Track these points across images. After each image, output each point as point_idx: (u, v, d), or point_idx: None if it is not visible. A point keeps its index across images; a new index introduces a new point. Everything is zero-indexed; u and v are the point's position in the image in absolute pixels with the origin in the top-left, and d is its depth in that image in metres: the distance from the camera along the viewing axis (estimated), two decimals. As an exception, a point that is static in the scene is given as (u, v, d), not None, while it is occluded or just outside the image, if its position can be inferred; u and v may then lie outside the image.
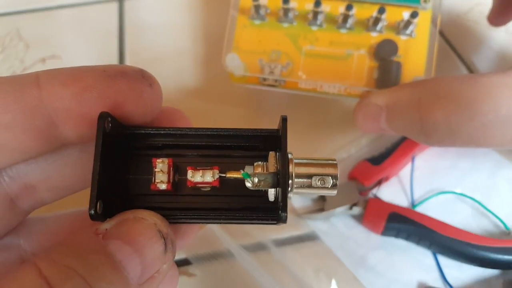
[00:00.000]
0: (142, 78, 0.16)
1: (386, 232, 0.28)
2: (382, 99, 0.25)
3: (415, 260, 0.28)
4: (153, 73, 0.17)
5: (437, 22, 0.29)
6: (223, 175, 0.17)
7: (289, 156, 0.16)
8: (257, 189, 0.16)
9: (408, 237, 0.28)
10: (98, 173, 0.14)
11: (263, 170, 0.16)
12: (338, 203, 0.29)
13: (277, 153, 0.16)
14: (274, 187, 0.16)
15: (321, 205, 0.30)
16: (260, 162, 0.16)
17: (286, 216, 0.15)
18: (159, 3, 0.44)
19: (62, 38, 0.41)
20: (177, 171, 0.17)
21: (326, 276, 0.27)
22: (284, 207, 0.15)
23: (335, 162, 0.16)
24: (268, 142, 0.17)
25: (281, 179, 0.15)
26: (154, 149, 0.17)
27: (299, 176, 0.16)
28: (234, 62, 0.30)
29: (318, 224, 0.29)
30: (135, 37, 0.41)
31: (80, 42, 0.41)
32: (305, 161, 0.16)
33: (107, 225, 0.14)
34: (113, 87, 0.16)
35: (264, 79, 0.31)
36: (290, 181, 0.16)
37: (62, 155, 0.17)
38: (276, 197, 0.16)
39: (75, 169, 0.16)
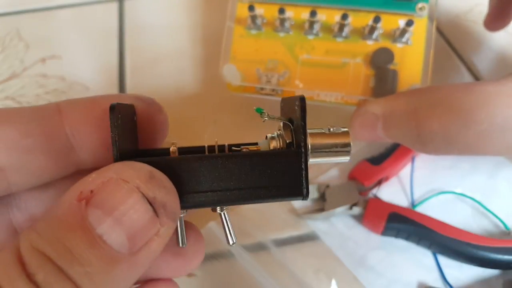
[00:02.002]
0: (154, 103, 0.18)
1: (386, 232, 0.28)
2: (378, 108, 0.25)
3: (415, 260, 0.28)
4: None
5: (433, 30, 0.29)
6: (237, 148, 0.17)
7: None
8: (271, 119, 0.16)
9: (408, 237, 0.28)
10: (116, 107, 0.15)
11: (278, 142, 0.16)
12: (338, 203, 0.29)
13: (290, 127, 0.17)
14: (287, 122, 0.16)
15: (321, 205, 0.30)
16: (274, 135, 0.17)
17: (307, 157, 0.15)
18: (159, 3, 0.44)
19: (62, 38, 0.41)
20: None
21: (326, 276, 0.27)
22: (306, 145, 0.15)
23: (346, 130, 0.17)
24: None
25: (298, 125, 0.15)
26: None
27: (314, 145, 0.16)
28: (231, 73, 0.30)
29: (318, 224, 0.29)
30: (135, 37, 0.41)
31: (80, 42, 0.41)
32: (316, 130, 0.17)
33: (92, 184, 0.13)
34: None
35: (261, 89, 0.31)
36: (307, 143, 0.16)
37: None
38: (292, 139, 0.16)
39: None
